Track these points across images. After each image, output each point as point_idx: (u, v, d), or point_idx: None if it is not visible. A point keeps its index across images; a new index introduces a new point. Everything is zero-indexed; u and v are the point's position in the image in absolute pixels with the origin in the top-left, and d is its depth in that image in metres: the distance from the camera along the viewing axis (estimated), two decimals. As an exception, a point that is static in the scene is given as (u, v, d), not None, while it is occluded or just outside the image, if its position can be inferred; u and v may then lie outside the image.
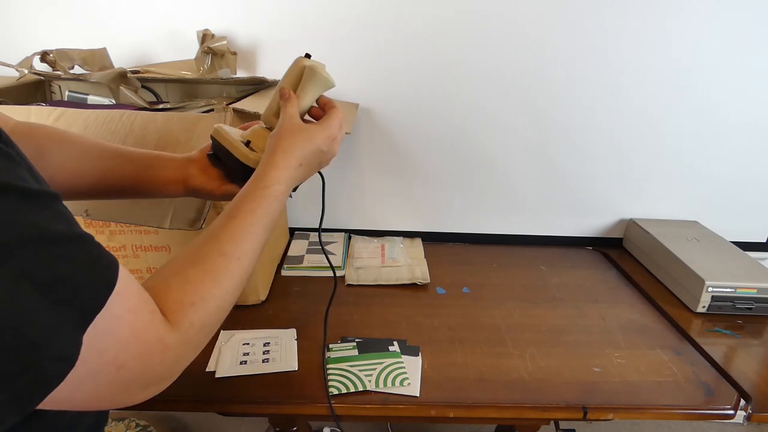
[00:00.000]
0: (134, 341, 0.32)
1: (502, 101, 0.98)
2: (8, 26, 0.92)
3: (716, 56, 0.93)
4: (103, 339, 0.30)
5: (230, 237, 0.43)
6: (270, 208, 0.47)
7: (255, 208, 0.46)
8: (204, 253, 0.42)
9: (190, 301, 0.38)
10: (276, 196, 0.48)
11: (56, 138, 0.52)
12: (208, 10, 0.90)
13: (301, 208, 1.11)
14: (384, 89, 0.97)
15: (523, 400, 0.65)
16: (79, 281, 0.28)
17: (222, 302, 0.41)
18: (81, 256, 0.29)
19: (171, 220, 0.67)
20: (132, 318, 0.32)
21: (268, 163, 0.49)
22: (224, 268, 0.41)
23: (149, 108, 0.79)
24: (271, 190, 0.47)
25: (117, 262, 0.32)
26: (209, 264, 0.41)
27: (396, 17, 0.91)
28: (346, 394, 0.64)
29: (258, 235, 0.45)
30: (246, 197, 0.47)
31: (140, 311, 0.34)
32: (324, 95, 0.58)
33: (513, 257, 1.07)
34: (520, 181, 1.07)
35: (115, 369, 0.31)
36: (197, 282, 0.40)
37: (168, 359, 0.35)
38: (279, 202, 0.48)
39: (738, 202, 1.09)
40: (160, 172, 0.56)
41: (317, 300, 0.86)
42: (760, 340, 0.81)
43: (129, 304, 0.32)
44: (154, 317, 0.35)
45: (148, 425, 1.34)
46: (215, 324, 0.41)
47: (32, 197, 0.28)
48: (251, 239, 0.44)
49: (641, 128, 1.01)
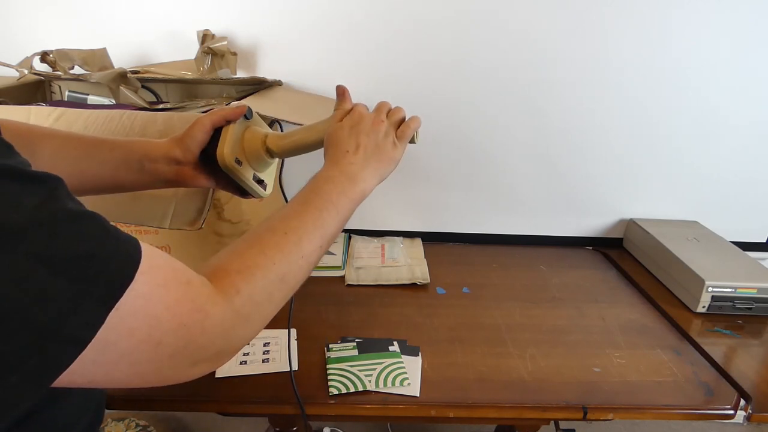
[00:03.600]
0: (167, 316, 0.32)
1: (502, 101, 0.98)
2: (8, 26, 0.92)
3: (716, 56, 0.93)
4: (132, 319, 0.29)
5: (279, 216, 0.46)
6: (317, 189, 0.49)
7: (303, 192, 0.49)
8: (254, 231, 0.44)
9: (236, 269, 0.39)
10: (326, 178, 0.50)
11: (36, 135, 0.51)
12: (208, 10, 0.90)
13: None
14: (384, 89, 0.97)
15: (523, 400, 0.65)
16: (100, 258, 0.28)
17: (269, 272, 0.41)
18: (99, 232, 0.29)
19: (171, 220, 0.67)
20: (163, 292, 0.32)
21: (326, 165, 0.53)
22: (271, 242, 0.43)
23: (149, 108, 0.79)
24: (318, 176, 0.51)
25: (136, 240, 0.32)
26: (257, 238, 0.43)
27: (395, 17, 0.90)
28: (346, 394, 0.64)
29: (309, 213, 0.46)
30: (300, 192, 0.50)
31: (171, 284, 0.33)
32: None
33: (513, 257, 1.07)
34: (520, 181, 1.07)
35: (152, 347, 0.31)
36: (243, 252, 0.41)
37: (212, 329, 0.35)
38: (330, 184, 0.50)
39: (738, 202, 1.09)
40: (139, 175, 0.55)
41: (317, 300, 0.86)
42: (760, 340, 0.81)
43: (157, 280, 0.32)
44: (190, 288, 0.34)
45: (148, 425, 1.34)
46: (265, 298, 0.41)
47: (38, 180, 0.27)
48: (298, 216, 0.46)
49: (641, 128, 1.01)
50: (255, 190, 0.60)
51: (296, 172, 1.05)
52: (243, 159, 0.57)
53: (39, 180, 0.27)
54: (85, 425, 0.43)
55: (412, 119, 0.60)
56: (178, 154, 0.56)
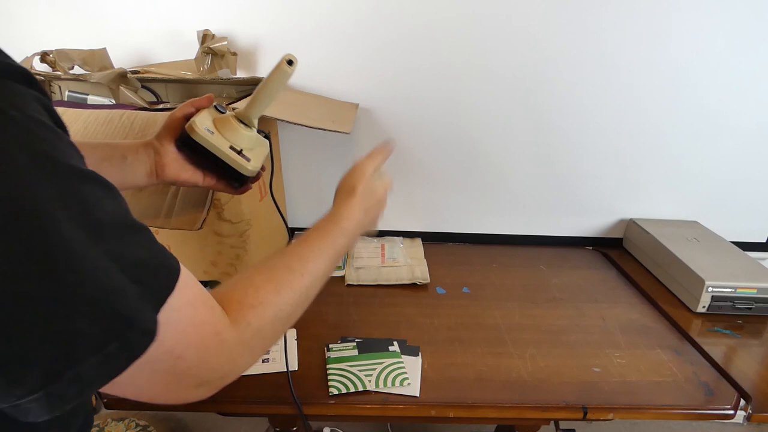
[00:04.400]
0: (192, 332, 0.34)
1: (501, 101, 0.98)
2: (8, 26, 0.92)
3: (716, 56, 0.93)
4: (162, 329, 0.31)
5: (297, 255, 0.48)
6: (336, 240, 0.52)
7: (323, 236, 0.51)
8: (271, 265, 0.46)
9: (250, 304, 0.41)
10: (343, 231, 0.53)
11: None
12: (208, 11, 0.90)
13: (301, 209, 1.11)
14: (384, 89, 0.97)
15: (523, 400, 0.65)
16: (153, 266, 0.31)
17: (280, 311, 0.43)
18: (153, 245, 0.32)
19: (171, 220, 0.67)
20: (191, 311, 0.34)
21: (344, 202, 0.55)
22: (287, 281, 0.45)
23: (149, 108, 0.79)
24: (341, 225, 0.53)
25: (175, 258, 0.34)
26: (274, 274, 0.44)
27: (396, 18, 0.91)
28: (346, 394, 0.64)
29: (322, 259, 0.49)
30: (318, 227, 0.52)
31: (198, 305, 0.35)
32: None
33: (513, 257, 1.07)
34: (520, 181, 1.07)
35: (173, 358, 0.33)
36: (259, 287, 0.42)
37: (223, 355, 0.37)
38: (345, 237, 0.53)
39: (738, 202, 1.09)
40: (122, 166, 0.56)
41: (318, 300, 0.86)
42: (760, 340, 0.81)
43: (188, 297, 0.34)
44: (213, 312, 0.37)
45: (148, 425, 1.34)
46: (270, 332, 0.43)
47: (109, 187, 0.31)
48: (315, 261, 0.48)
49: (641, 128, 1.01)
50: (236, 161, 0.58)
51: (294, 169, 1.06)
52: (214, 129, 0.57)
53: (110, 188, 0.31)
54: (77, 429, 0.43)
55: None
56: (155, 143, 0.57)
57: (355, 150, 1.03)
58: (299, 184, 1.08)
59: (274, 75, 0.54)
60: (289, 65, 0.53)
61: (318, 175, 1.07)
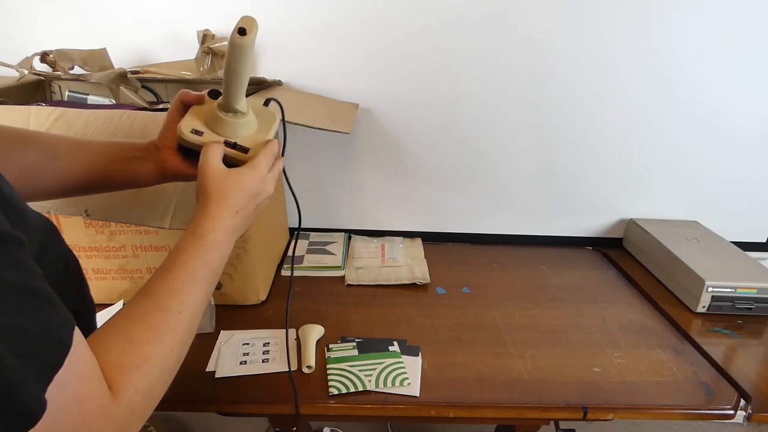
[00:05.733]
0: (75, 411, 0.29)
1: (501, 101, 0.98)
2: (8, 26, 0.92)
3: (716, 56, 0.93)
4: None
5: (168, 290, 0.41)
6: (208, 257, 0.45)
7: (191, 258, 0.43)
8: (142, 310, 0.39)
9: (134, 363, 0.35)
10: (213, 245, 0.45)
11: (16, 138, 0.50)
12: (208, 10, 0.90)
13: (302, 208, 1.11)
14: (384, 90, 0.97)
15: (523, 400, 0.65)
16: (35, 335, 0.27)
17: (167, 361, 0.38)
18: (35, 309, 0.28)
19: (171, 220, 0.67)
20: (77, 384, 0.30)
21: (200, 212, 0.47)
22: (166, 324, 0.39)
23: (149, 108, 0.79)
24: (207, 239, 0.45)
25: (73, 321, 0.30)
26: (150, 321, 0.38)
27: (396, 19, 0.91)
28: (346, 394, 0.64)
29: (198, 286, 0.43)
30: (181, 249, 0.44)
31: (87, 377, 0.31)
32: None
33: (513, 257, 1.07)
34: (520, 181, 1.07)
35: None
36: (139, 341, 0.37)
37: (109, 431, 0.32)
38: (218, 251, 0.46)
39: (738, 202, 1.09)
40: (131, 164, 0.55)
41: (317, 300, 0.86)
42: (760, 340, 0.81)
43: (76, 368, 0.30)
44: (100, 384, 0.32)
45: (149, 425, 1.34)
46: (161, 388, 0.38)
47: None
48: (191, 291, 0.42)
49: (641, 128, 1.01)
50: (232, 155, 0.54)
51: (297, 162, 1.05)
52: (203, 128, 0.53)
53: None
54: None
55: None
56: (158, 143, 0.55)
57: (356, 150, 1.03)
58: (299, 184, 1.08)
59: (229, 51, 0.48)
60: (241, 35, 0.46)
61: (318, 175, 1.07)
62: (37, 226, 0.36)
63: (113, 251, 0.77)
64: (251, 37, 0.47)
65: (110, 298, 0.80)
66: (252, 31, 0.46)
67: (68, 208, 0.66)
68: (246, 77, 0.50)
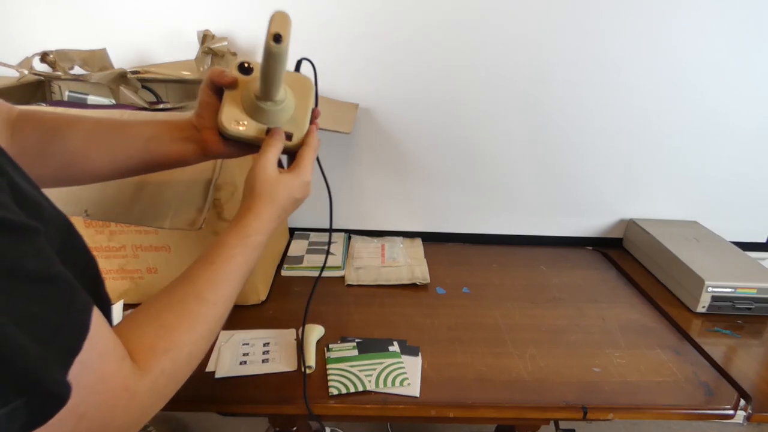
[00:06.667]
0: (99, 389, 0.31)
1: (501, 101, 0.98)
2: (8, 26, 0.92)
3: (716, 56, 0.93)
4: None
5: (209, 282, 0.42)
6: (250, 257, 0.46)
7: (235, 255, 0.45)
8: (180, 297, 0.40)
9: (164, 348, 0.37)
10: (256, 245, 0.47)
11: (63, 122, 0.50)
12: (208, 11, 0.90)
13: (301, 208, 1.11)
14: (384, 90, 0.97)
15: (523, 400, 0.65)
16: (54, 322, 0.28)
17: (195, 349, 0.40)
18: (54, 296, 0.29)
19: (171, 220, 0.67)
20: (99, 363, 0.31)
21: (249, 212, 0.48)
22: (201, 314, 0.40)
23: (149, 108, 0.79)
24: (252, 239, 0.47)
25: (91, 304, 0.31)
26: (186, 309, 0.40)
27: (397, 19, 0.90)
28: (346, 394, 0.64)
29: (236, 281, 0.45)
30: (227, 244, 0.45)
31: (109, 357, 0.32)
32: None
33: (513, 257, 1.07)
34: (520, 181, 1.07)
35: (75, 418, 0.29)
36: (173, 328, 0.38)
37: (133, 409, 0.33)
38: (257, 252, 0.48)
39: (738, 202, 1.09)
40: (172, 146, 0.53)
41: (317, 300, 0.86)
42: (760, 340, 0.81)
43: (98, 348, 0.31)
44: (123, 364, 0.33)
45: (149, 425, 1.34)
46: (186, 373, 0.40)
47: (7, 229, 0.27)
48: (228, 285, 0.44)
49: (641, 128, 1.01)
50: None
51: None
52: (245, 118, 0.53)
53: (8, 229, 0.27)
54: None
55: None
56: (197, 122, 0.54)
57: (356, 150, 1.03)
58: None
59: (266, 58, 0.47)
60: (277, 43, 0.45)
61: (317, 176, 1.06)
62: (55, 223, 0.37)
63: (113, 251, 0.77)
64: (286, 42, 0.45)
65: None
66: (287, 35, 0.45)
67: (68, 208, 0.66)
68: (283, 75, 0.50)
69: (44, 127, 0.49)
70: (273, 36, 0.44)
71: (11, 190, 0.30)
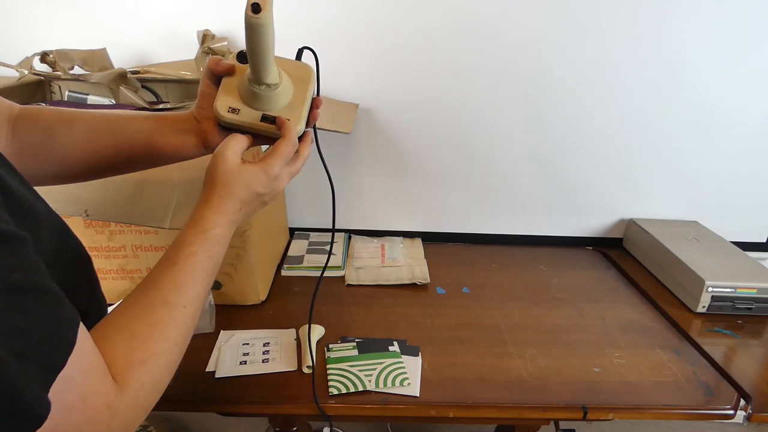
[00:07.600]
0: (80, 407, 0.30)
1: (501, 101, 0.98)
2: (8, 26, 0.92)
3: (716, 55, 0.93)
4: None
5: (173, 285, 0.41)
6: (211, 251, 0.44)
7: (195, 252, 0.43)
8: (147, 303, 0.39)
9: (140, 360, 0.35)
10: (216, 239, 0.45)
11: (63, 118, 0.50)
12: (208, 11, 0.90)
13: (301, 209, 1.11)
14: (384, 90, 0.97)
15: (523, 400, 0.65)
16: (38, 336, 0.27)
17: (171, 355, 0.39)
18: (39, 309, 0.28)
19: (171, 220, 0.67)
20: (82, 380, 0.30)
21: (206, 204, 0.46)
22: (171, 319, 0.39)
23: (149, 108, 0.79)
24: (211, 233, 0.44)
25: (78, 318, 0.30)
26: (155, 316, 0.38)
27: (396, 19, 0.90)
28: (346, 394, 0.64)
29: (201, 280, 0.43)
30: (184, 241, 0.43)
31: (92, 373, 0.31)
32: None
33: (513, 257, 1.07)
34: (520, 181, 1.07)
35: None
36: (145, 337, 0.37)
37: (115, 427, 0.32)
38: (220, 245, 0.45)
39: (738, 202, 1.09)
40: (173, 138, 0.53)
41: (317, 300, 0.86)
42: (760, 340, 0.81)
43: (81, 364, 0.30)
44: (105, 380, 0.32)
45: (148, 425, 1.34)
46: (166, 382, 0.39)
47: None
48: (194, 285, 0.42)
49: (641, 128, 1.01)
50: (272, 131, 0.52)
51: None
52: (239, 105, 0.51)
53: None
54: None
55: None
56: (195, 112, 0.54)
57: (356, 150, 1.03)
58: (299, 184, 1.08)
59: (247, 33, 0.44)
60: (255, 13, 0.42)
61: (318, 175, 1.07)
62: (49, 224, 0.36)
63: (113, 251, 0.77)
64: (267, 12, 0.42)
65: (110, 298, 0.79)
66: (267, 4, 0.42)
67: (68, 208, 0.66)
68: (271, 52, 0.47)
69: (45, 123, 0.49)
70: (251, 6, 0.41)
71: (2, 194, 0.29)
